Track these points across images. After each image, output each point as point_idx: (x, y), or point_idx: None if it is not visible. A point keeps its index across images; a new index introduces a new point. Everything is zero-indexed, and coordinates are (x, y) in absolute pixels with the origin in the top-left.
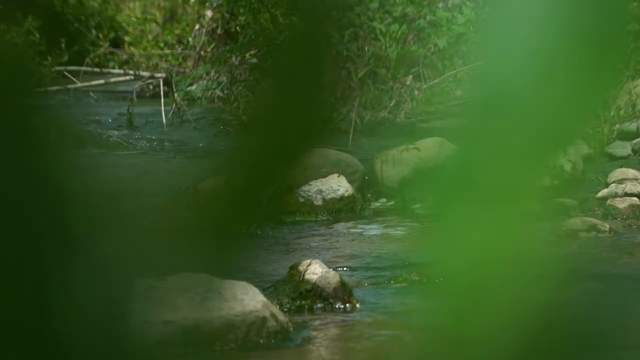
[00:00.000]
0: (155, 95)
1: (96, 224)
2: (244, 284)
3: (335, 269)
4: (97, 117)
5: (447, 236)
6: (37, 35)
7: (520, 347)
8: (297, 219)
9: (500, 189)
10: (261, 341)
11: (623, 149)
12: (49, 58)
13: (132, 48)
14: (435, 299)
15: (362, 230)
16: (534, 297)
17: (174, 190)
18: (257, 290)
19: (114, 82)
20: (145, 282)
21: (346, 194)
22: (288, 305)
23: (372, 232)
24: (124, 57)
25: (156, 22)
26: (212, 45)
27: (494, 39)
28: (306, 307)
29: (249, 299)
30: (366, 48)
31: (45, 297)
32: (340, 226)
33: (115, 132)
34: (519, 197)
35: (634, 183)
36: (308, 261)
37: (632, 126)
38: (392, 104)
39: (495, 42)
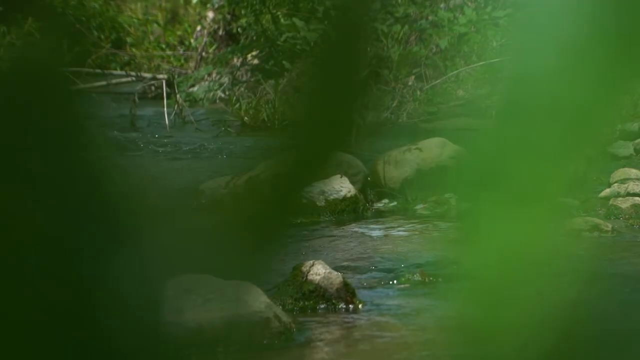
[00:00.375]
0: (157, 97)
1: (135, 222)
2: (247, 284)
3: (338, 270)
4: (98, 119)
5: (476, 233)
6: (38, 37)
7: (547, 345)
8: (300, 220)
9: (528, 186)
10: (264, 342)
11: (625, 148)
12: None
13: (133, 49)
14: (459, 297)
15: (364, 231)
16: (560, 295)
17: (182, 190)
18: (260, 291)
19: (116, 84)
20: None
21: (348, 195)
22: (291, 306)
23: (375, 233)
24: (126, 58)
25: (158, 23)
26: (213, 47)
27: (522, 38)
28: (309, 308)
29: (253, 300)
30: (367, 49)
31: (88, 294)
32: (343, 227)
33: (118, 134)
34: (546, 194)
35: (637, 183)
36: (311, 262)
37: (634, 126)
38: (394, 105)
39: (522, 41)
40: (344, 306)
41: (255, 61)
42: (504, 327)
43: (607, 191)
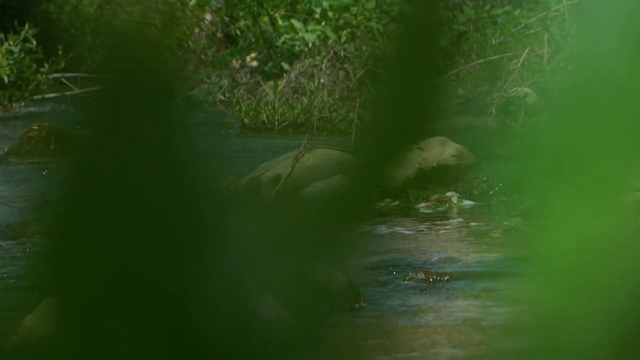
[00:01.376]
0: None
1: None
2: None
3: (341, 269)
4: None
5: (548, 223)
6: (34, 43)
7: (620, 336)
8: None
9: (599, 175)
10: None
11: None
12: (46, 65)
13: None
14: (534, 289)
15: (367, 230)
16: (630, 284)
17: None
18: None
19: None
20: None
21: None
22: None
23: (378, 232)
24: None
25: (155, 26)
26: (212, 49)
27: (588, 27)
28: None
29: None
30: (364, 48)
31: (185, 293)
32: None
33: None
34: (617, 183)
35: (638, 178)
36: None
37: None
38: None
39: (588, 30)
40: (349, 305)
41: (254, 63)
42: (580, 317)
43: None
